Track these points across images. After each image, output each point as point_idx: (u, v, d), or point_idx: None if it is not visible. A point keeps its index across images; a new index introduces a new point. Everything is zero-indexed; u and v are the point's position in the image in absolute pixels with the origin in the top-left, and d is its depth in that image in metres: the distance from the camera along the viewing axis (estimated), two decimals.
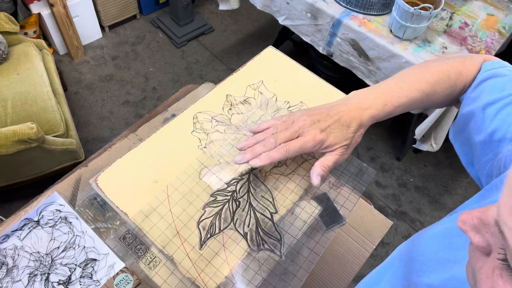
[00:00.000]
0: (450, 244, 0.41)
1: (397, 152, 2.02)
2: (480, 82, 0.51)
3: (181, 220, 0.51)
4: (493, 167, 0.46)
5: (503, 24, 1.46)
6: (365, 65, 1.48)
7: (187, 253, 0.49)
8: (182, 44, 2.40)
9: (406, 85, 0.53)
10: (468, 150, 0.53)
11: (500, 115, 0.46)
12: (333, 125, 0.51)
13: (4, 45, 1.63)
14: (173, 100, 0.88)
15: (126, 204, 0.54)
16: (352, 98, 0.53)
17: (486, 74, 0.51)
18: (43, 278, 0.63)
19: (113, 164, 0.58)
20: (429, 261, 0.43)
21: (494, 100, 0.48)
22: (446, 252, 0.41)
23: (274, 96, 0.68)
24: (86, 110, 2.05)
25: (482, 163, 0.49)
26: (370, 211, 0.84)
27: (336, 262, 0.77)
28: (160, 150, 0.60)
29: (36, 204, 0.69)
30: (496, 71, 0.51)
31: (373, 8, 1.44)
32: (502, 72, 0.51)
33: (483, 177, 0.50)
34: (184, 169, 0.55)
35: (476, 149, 0.50)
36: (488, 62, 0.53)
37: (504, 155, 0.43)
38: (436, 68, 0.54)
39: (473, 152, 0.51)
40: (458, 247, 0.40)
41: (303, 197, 0.55)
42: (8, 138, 1.29)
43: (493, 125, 0.47)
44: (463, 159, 0.55)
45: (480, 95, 0.50)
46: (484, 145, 0.48)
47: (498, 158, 0.44)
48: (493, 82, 0.50)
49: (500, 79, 0.50)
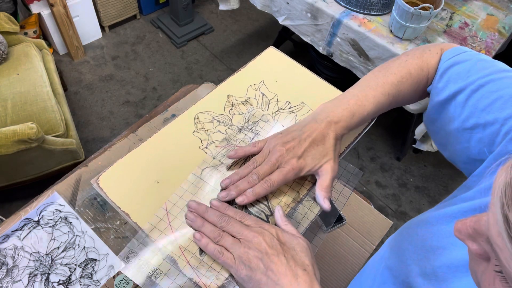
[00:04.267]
0: (439, 231, 0.43)
1: (397, 152, 2.02)
2: (444, 71, 0.52)
3: (181, 231, 0.51)
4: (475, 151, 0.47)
5: (503, 24, 1.46)
6: (365, 65, 1.48)
7: (188, 261, 0.49)
8: (182, 44, 2.40)
9: (371, 91, 0.54)
10: (442, 137, 0.54)
11: (471, 102, 0.47)
12: (309, 148, 0.51)
13: (4, 45, 1.63)
14: (173, 100, 0.88)
15: (128, 205, 0.54)
16: (320, 113, 0.54)
17: (448, 62, 0.52)
18: (43, 278, 0.63)
19: (114, 164, 0.58)
20: (419, 250, 0.44)
21: (461, 88, 0.49)
22: (434, 240, 0.43)
23: (275, 97, 0.68)
24: (86, 110, 2.05)
25: (458, 151, 0.50)
26: (370, 211, 0.84)
27: (336, 262, 0.77)
28: (162, 150, 0.60)
29: (36, 204, 0.69)
30: (457, 58, 0.52)
31: (373, 8, 1.44)
32: (463, 58, 0.52)
33: (461, 164, 0.51)
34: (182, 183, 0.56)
35: (451, 137, 0.51)
36: (448, 50, 0.54)
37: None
38: (397, 68, 0.55)
39: (448, 140, 0.52)
40: (446, 234, 0.41)
41: (303, 199, 0.55)
42: (8, 138, 1.29)
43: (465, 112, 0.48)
44: (438, 145, 0.57)
45: (447, 85, 0.51)
46: (458, 133, 0.49)
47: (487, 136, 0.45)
48: (457, 69, 0.51)
49: (463, 65, 0.51)
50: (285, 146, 0.51)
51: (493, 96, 0.45)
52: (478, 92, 0.47)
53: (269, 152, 0.52)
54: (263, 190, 0.51)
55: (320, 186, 0.52)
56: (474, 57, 0.52)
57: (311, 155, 0.51)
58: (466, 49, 0.53)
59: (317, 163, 0.52)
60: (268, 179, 0.51)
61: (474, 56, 0.52)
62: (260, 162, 0.52)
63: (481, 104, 0.46)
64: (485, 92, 0.46)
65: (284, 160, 0.51)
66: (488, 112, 0.45)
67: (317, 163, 0.52)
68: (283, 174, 0.51)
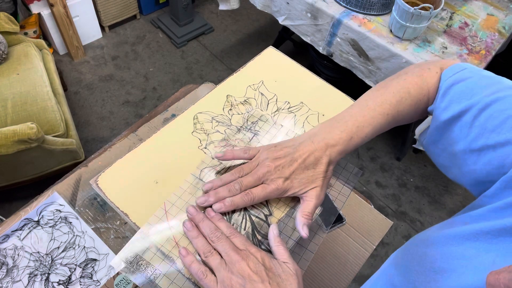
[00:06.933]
0: (449, 253, 0.41)
1: (397, 152, 2.02)
2: (446, 91, 0.50)
3: (180, 232, 0.51)
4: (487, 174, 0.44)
5: (503, 24, 1.46)
6: (365, 65, 1.49)
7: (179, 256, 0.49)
8: (182, 44, 2.40)
9: (370, 112, 0.52)
10: (445, 159, 0.52)
11: (478, 122, 0.45)
12: (297, 170, 0.50)
13: (4, 45, 1.63)
14: (173, 100, 0.88)
15: (127, 205, 0.54)
16: (318, 134, 0.52)
17: (449, 81, 0.50)
18: (43, 278, 0.63)
19: (113, 165, 0.58)
20: (427, 271, 0.42)
21: (466, 107, 0.46)
22: (444, 262, 0.41)
23: (274, 97, 0.68)
24: (86, 110, 2.05)
25: (464, 173, 0.48)
26: (370, 211, 0.84)
27: (336, 262, 0.77)
28: (161, 150, 0.60)
29: (36, 204, 0.69)
30: (458, 76, 0.50)
31: (373, 8, 1.44)
32: (465, 75, 0.50)
33: (468, 186, 0.49)
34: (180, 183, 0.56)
35: (455, 159, 0.49)
36: (448, 68, 0.52)
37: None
38: (395, 87, 0.54)
39: (452, 162, 0.50)
40: (457, 255, 0.39)
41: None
42: (8, 138, 1.30)
43: (472, 133, 0.45)
44: (440, 167, 0.54)
45: (450, 104, 0.49)
46: (464, 154, 0.47)
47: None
48: (460, 88, 0.49)
49: (465, 83, 0.49)
50: (274, 162, 0.50)
51: (502, 116, 0.43)
52: (486, 112, 0.45)
53: (258, 165, 0.52)
54: (242, 203, 0.50)
55: (301, 212, 0.50)
56: (476, 74, 0.49)
57: (298, 179, 0.50)
58: (466, 66, 0.51)
59: (303, 188, 0.51)
60: (249, 192, 0.50)
61: (476, 73, 0.50)
62: (246, 172, 0.52)
63: (490, 124, 0.44)
64: (493, 111, 0.44)
65: (270, 177, 0.50)
66: (498, 132, 0.43)
67: (303, 188, 0.51)
68: (266, 191, 0.50)
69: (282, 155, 0.51)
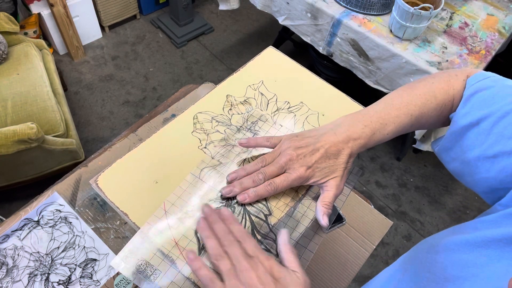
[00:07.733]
0: (460, 260, 0.40)
1: (397, 152, 2.02)
2: (468, 97, 0.51)
3: (179, 232, 0.51)
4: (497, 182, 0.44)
5: (503, 24, 1.46)
6: (365, 65, 1.49)
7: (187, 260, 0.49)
8: (182, 44, 2.40)
9: (394, 111, 0.53)
10: (457, 167, 0.52)
11: (496, 129, 0.45)
12: (320, 160, 0.51)
13: (4, 45, 1.63)
14: (173, 100, 0.88)
15: (127, 205, 0.54)
16: (341, 126, 0.53)
17: (471, 89, 0.51)
18: (43, 278, 0.63)
19: (113, 165, 0.58)
20: (438, 279, 0.41)
21: (486, 115, 0.47)
22: (455, 269, 0.40)
23: (274, 97, 0.68)
24: (86, 110, 2.05)
25: (477, 181, 0.48)
26: (370, 211, 0.84)
27: (336, 262, 0.77)
28: (161, 150, 0.60)
29: (36, 204, 0.69)
30: (481, 84, 0.50)
31: (373, 8, 1.44)
32: (488, 84, 0.50)
33: (481, 193, 0.49)
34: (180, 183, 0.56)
35: (468, 167, 0.49)
36: (472, 76, 0.53)
37: None
38: (422, 89, 0.54)
39: (465, 170, 0.50)
40: (468, 263, 0.39)
41: (302, 198, 0.55)
42: (8, 138, 1.30)
43: (490, 140, 0.46)
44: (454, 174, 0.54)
45: (470, 111, 0.49)
46: (478, 161, 0.47)
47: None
48: (482, 96, 0.49)
49: (487, 92, 0.49)
50: (296, 151, 0.51)
51: None
52: (505, 119, 0.45)
53: (280, 154, 0.52)
54: (265, 193, 0.51)
55: (321, 201, 0.51)
56: (499, 83, 0.50)
57: (320, 168, 0.51)
58: (490, 74, 0.52)
59: (324, 177, 0.51)
60: (272, 182, 0.51)
61: (499, 82, 0.50)
62: (268, 162, 0.52)
63: (508, 131, 0.44)
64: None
65: (292, 166, 0.51)
66: None
67: (324, 177, 0.51)
68: (288, 180, 0.50)
69: (304, 144, 0.52)
